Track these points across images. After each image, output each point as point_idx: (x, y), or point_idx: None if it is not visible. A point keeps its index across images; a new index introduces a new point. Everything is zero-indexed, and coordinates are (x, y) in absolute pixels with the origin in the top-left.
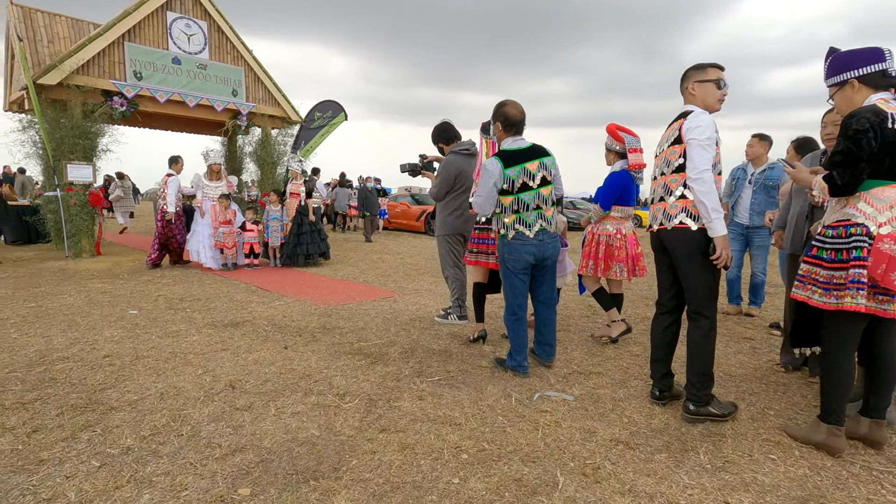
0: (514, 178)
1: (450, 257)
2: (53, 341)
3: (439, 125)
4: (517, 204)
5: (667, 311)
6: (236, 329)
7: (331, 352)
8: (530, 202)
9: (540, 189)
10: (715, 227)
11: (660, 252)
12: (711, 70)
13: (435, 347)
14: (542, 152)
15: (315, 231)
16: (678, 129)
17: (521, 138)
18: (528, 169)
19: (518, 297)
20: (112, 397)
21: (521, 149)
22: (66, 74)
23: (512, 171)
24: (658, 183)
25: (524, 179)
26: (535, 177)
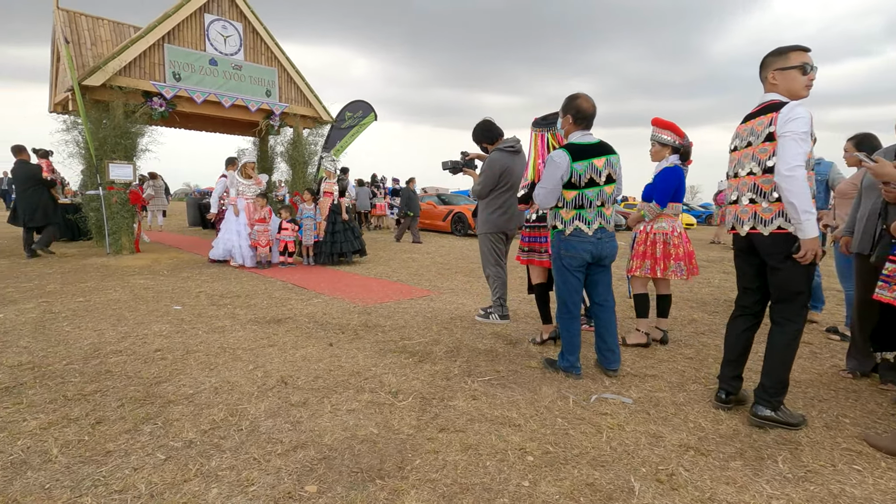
0: (580, 172)
1: (492, 255)
2: (105, 335)
3: (482, 124)
4: (581, 199)
5: (749, 313)
6: (279, 325)
7: (376, 350)
8: (594, 199)
9: (604, 187)
10: (805, 228)
11: (745, 254)
12: (794, 54)
13: (480, 347)
14: (609, 150)
15: (349, 229)
16: (769, 123)
17: (589, 133)
18: (596, 165)
19: (573, 295)
20: (168, 391)
21: (589, 144)
22: (109, 76)
23: (580, 165)
24: (742, 182)
25: (591, 175)
26: (601, 173)
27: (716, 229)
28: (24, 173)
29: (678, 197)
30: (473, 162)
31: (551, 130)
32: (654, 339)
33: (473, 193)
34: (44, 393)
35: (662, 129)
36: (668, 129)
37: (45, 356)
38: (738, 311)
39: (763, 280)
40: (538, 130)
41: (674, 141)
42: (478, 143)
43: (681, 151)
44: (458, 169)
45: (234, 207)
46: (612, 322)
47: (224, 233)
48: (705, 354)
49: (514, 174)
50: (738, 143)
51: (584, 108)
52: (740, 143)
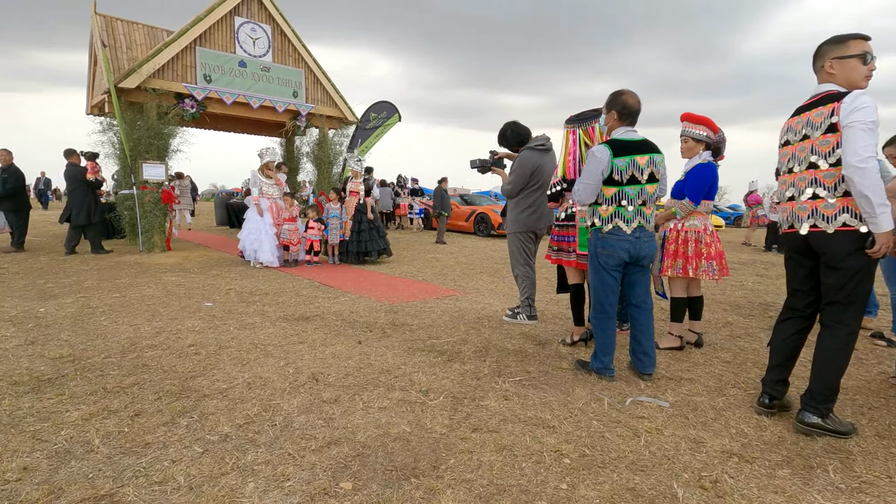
0: (622, 168)
1: (521, 255)
2: (140, 330)
3: (510, 127)
4: (620, 196)
5: (799, 316)
6: (308, 323)
7: (404, 348)
8: (634, 197)
9: (646, 185)
10: (880, 222)
11: (799, 255)
12: (854, 43)
13: (509, 347)
14: (654, 148)
15: (374, 229)
16: (830, 113)
17: (633, 130)
18: (638, 162)
19: (609, 295)
20: (203, 385)
21: (633, 140)
22: (143, 78)
23: (621, 160)
24: (799, 178)
25: (633, 172)
26: (643, 171)
27: (746, 231)
28: (72, 175)
29: (711, 194)
30: (502, 161)
31: (583, 126)
32: (687, 342)
33: (503, 193)
34: (84, 385)
35: (696, 124)
36: (701, 124)
37: (84, 349)
38: (787, 313)
39: (816, 281)
40: (570, 127)
41: (707, 136)
42: (508, 147)
43: (713, 147)
44: (486, 168)
45: (257, 207)
46: (648, 324)
47: (247, 233)
48: (743, 359)
49: (544, 172)
50: (792, 137)
51: (630, 105)
52: (794, 137)
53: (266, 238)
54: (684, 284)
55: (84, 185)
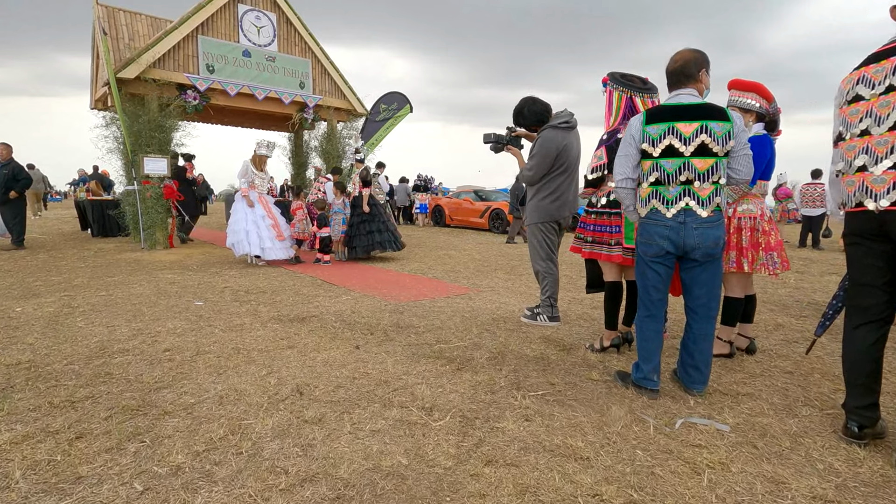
0: (654, 137)
1: (542, 249)
2: (116, 332)
3: (527, 104)
4: (657, 172)
5: (875, 319)
6: (303, 324)
7: (408, 354)
8: (673, 172)
9: (692, 159)
10: None
11: (873, 239)
12: None
13: (528, 353)
14: (713, 114)
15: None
16: None
17: (684, 92)
18: (679, 129)
19: (650, 292)
20: (167, 399)
21: (676, 105)
22: (143, 68)
23: (653, 128)
24: (878, 142)
25: (670, 141)
26: (687, 141)
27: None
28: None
29: (767, 174)
30: (520, 140)
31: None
32: (738, 348)
33: (523, 179)
34: (31, 398)
35: (744, 92)
36: (752, 91)
37: (47, 354)
38: (858, 317)
39: (894, 274)
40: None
41: (760, 106)
42: (527, 129)
43: (766, 119)
44: (501, 145)
45: (246, 199)
46: (705, 334)
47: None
48: (808, 369)
49: (570, 154)
50: (866, 91)
51: (666, 67)
52: (871, 91)
53: (253, 229)
54: (740, 281)
55: (186, 183)
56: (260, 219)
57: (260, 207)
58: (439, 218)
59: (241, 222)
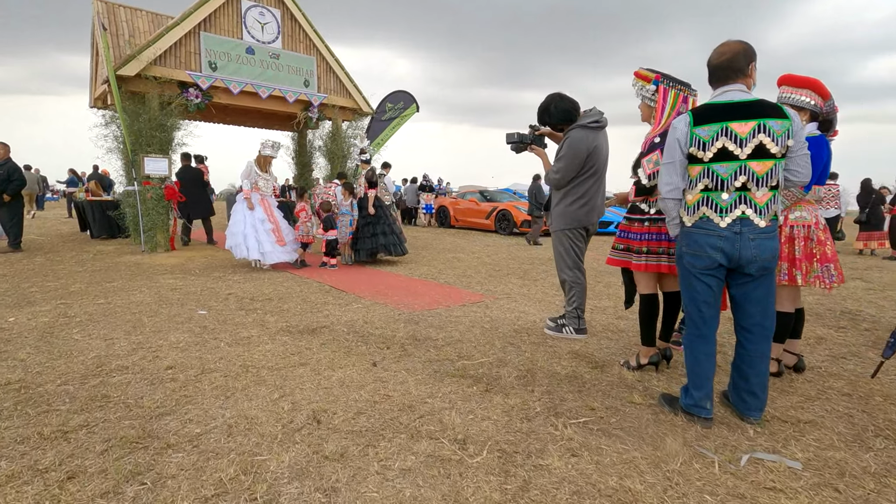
0: (705, 140)
1: (569, 257)
2: (115, 345)
3: (554, 101)
4: (707, 177)
5: None
6: (313, 337)
7: (429, 372)
8: (728, 177)
9: (749, 162)
10: None
11: None
12: None
13: (559, 371)
14: (769, 111)
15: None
16: None
17: (733, 88)
18: (734, 130)
19: (700, 308)
20: (170, 428)
21: (728, 102)
22: (144, 65)
23: (703, 129)
24: None
25: (724, 143)
26: (743, 142)
27: None
28: (190, 176)
29: (822, 178)
30: (543, 139)
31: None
32: (786, 365)
33: (550, 182)
34: (19, 427)
35: (798, 88)
36: (806, 88)
37: (39, 372)
38: None
39: None
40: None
41: (815, 104)
42: (553, 127)
43: (821, 118)
44: (524, 146)
45: (248, 201)
46: (762, 355)
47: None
48: (866, 390)
49: (600, 155)
50: None
51: (711, 61)
52: None
53: (251, 233)
54: (790, 294)
55: (202, 185)
56: (259, 222)
57: (261, 210)
58: (444, 219)
59: (239, 225)
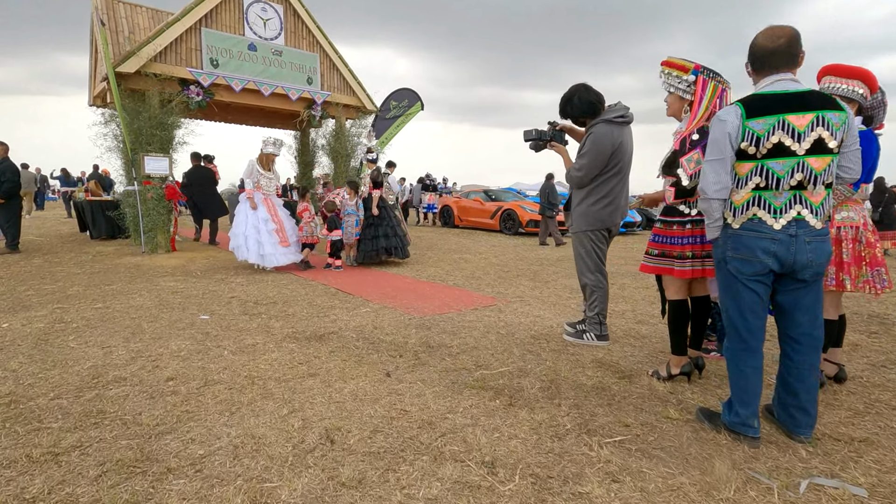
0: (759, 134)
1: (591, 259)
2: (113, 354)
3: (578, 92)
4: (760, 175)
5: None
6: (322, 344)
7: (446, 383)
8: (785, 175)
9: (807, 158)
10: None
11: None
12: None
13: (585, 382)
14: (826, 103)
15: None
16: None
17: (785, 77)
18: (791, 123)
19: (746, 318)
20: (171, 449)
21: (784, 93)
22: (143, 62)
23: (758, 123)
24: None
25: (781, 138)
26: (802, 136)
27: None
28: (203, 176)
29: (870, 176)
30: (563, 135)
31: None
32: (827, 376)
33: (571, 180)
34: (6, 448)
35: (846, 79)
36: (856, 78)
37: (32, 384)
38: None
39: None
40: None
41: (863, 95)
42: (575, 120)
43: (864, 112)
44: (543, 143)
45: (250, 201)
46: (811, 367)
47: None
48: None
49: (625, 153)
50: None
51: (761, 45)
52: None
53: (252, 234)
54: (834, 300)
55: (213, 185)
56: (262, 223)
57: (264, 210)
58: (448, 218)
59: (241, 226)
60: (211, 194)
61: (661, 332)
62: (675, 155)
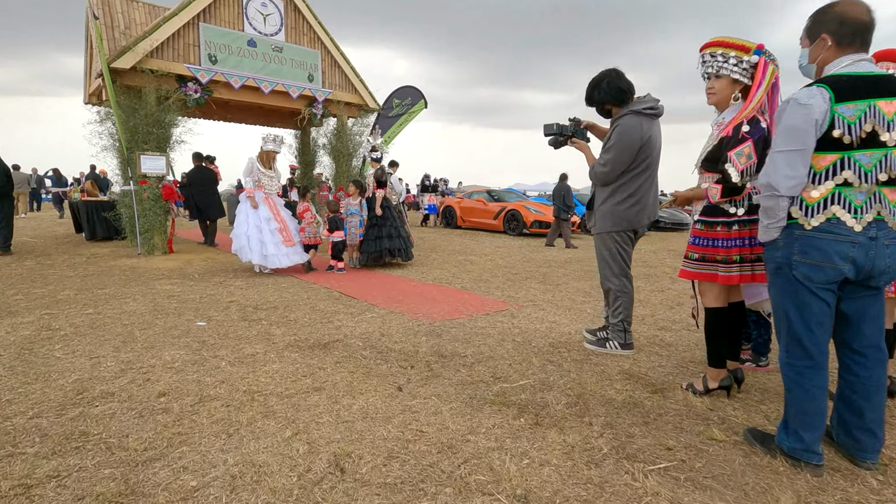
0: (850, 121)
1: (616, 263)
2: (101, 365)
3: (608, 77)
4: (846, 168)
5: None
6: (326, 353)
7: (464, 398)
8: (871, 169)
9: (894, 150)
10: None
11: None
12: None
13: (614, 396)
14: None
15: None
16: None
17: (866, 58)
18: (881, 110)
19: (813, 330)
20: (160, 479)
21: (872, 75)
22: (139, 57)
23: (848, 108)
24: None
25: (874, 125)
26: (891, 125)
27: None
28: (205, 177)
29: None
30: (585, 133)
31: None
32: None
33: (596, 177)
34: None
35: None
36: None
37: (10, 400)
38: None
39: None
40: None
41: None
42: (599, 107)
43: None
44: (563, 139)
45: (251, 200)
46: (878, 384)
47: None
48: None
49: (654, 148)
50: None
51: (852, 16)
52: None
53: (255, 234)
54: (891, 309)
55: (216, 185)
56: (264, 222)
57: (266, 209)
58: (450, 219)
59: (242, 226)
60: (212, 195)
61: (687, 339)
62: (720, 147)
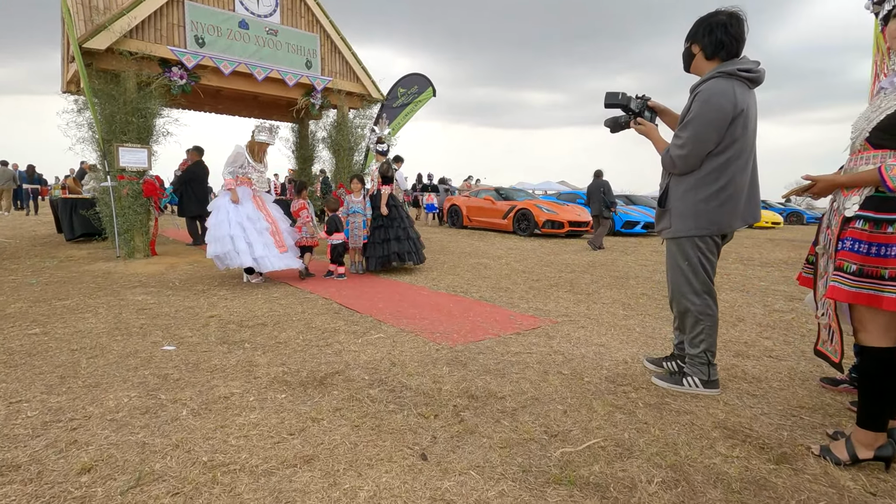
0: None
1: (697, 277)
2: (20, 414)
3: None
4: None
5: None
6: (322, 394)
7: (515, 471)
8: None
9: None
10: None
11: None
12: None
13: (724, 468)
14: None
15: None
16: None
17: None
18: None
19: None
20: None
21: None
22: (116, 37)
23: None
24: None
25: None
26: None
27: None
28: (204, 172)
29: None
30: (654, 115)
31: None
32: None
33: (671, 164)
34: None
35: None
36: None
37: None
38: None
39: None
40: None
41: None
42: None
43: None
44: (623, 121)
45: (232, 193)
46: None
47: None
48: None
49: (749, 123)
50: None
51: None
52: None
53: (239, 233)
54: None
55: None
56: (247, 220)
57: (251, 207)
58: (456, 218)
59: (223, 226)
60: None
61: (775, 370)
62: None
